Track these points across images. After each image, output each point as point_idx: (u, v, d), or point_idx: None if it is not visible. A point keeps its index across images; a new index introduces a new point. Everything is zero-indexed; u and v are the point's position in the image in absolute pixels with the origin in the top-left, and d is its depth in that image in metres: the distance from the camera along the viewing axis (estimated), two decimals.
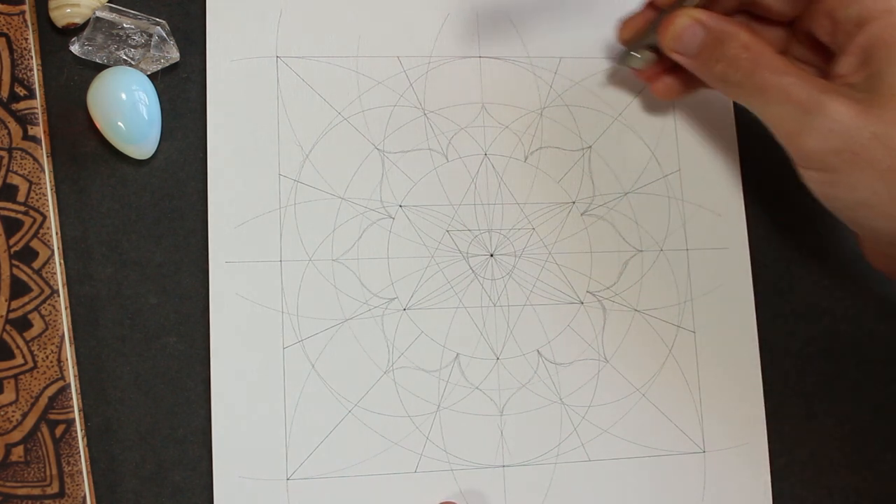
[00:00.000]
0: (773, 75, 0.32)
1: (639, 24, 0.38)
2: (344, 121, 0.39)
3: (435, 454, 0.37)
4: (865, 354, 0.41)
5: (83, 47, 0.37)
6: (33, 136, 0.36)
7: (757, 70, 0.32)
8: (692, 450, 0.39)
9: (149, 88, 0.37)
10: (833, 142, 0.31)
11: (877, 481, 0.40)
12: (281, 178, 0.38)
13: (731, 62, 0.33)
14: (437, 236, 0.39)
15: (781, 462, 0.40)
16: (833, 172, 0.32)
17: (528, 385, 0.38)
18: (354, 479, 0.37)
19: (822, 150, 0.31)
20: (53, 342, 0.35)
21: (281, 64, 0.39)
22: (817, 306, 0.41)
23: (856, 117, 0.30)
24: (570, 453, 0.38)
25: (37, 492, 0.34)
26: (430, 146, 0.40)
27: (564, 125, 0.41)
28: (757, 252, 0.41)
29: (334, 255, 0.38)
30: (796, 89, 0.31)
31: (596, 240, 0.40)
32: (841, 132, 0.31)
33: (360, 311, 0.38)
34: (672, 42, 0.35)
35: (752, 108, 0.34)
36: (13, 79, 0.36)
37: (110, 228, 0.38)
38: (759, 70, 0.32)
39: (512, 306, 0.39)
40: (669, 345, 0.40)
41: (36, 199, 0.36)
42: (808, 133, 0.31)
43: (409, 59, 0.40)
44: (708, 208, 0.41)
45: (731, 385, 0.40)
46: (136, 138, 0.36)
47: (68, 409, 0.35)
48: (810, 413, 0.41)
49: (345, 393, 0.37)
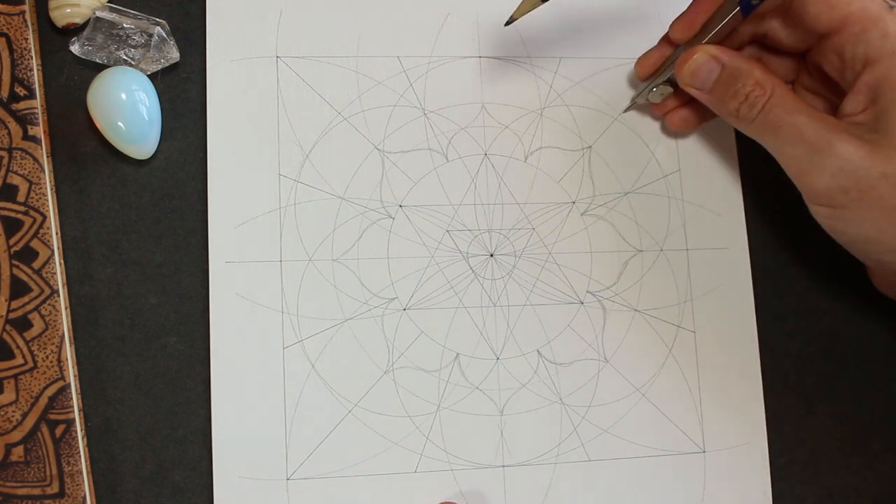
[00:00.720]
0: (786, 114, 0.33)
1: (655, 59, 0.39)
2: (344, 121, 0.39)
3: (435, 454, 0.37)
4: (865, 354, 0.41)
5: (83, 47, 0.37)
6: (33, 136, 0.36)
7: (770, 108, 0.33)
8: (692, 450, 0.39)
9: (149, 88, 0.37)
10: (842, 181, 0.32)
11: (877, 481, 0.40)
12: (281, 178, 0.38)
13: (745, 99, 0.34)
14: (437, 236, 0.39)
15: (781, 462, 0.40)
16: (841, 209, 0.33)
17: (528, 385, 0.38)
18: (354, 479, 0.37)
19: (831, 188, 0.32)
20: (53, 342, 0.35)
21: (281, 64, 0.39)
22: (817, 306, 0.41)
23: (864, 157, 0.31)
24: (570, 453, 0.38)
25: (37, 492, 0.34)
26: (430, 146, 0.40)
27: (564, 125, 0.41)
28: (757, 252, 0.41)
29: (334, 255, 0.38)
30: (808, 129, 0.32)
31: (596, 240, 0.40)
32: (849, 172, 0.31)
33: (360, 311, 0.38)
34: (688, 77, 0.36)
35: (764, 143, 0.35)
36: (13, 79, 0.36)
37: (110, 228, 0.38)
38: (773, 108, 0.33)
39: (512, 306, 0.39)
40: (669, 345, 0.40)
41: (36, 199, 0.36)
42: (817, 172, 0.32)
43: (409, 59, 0.40)
44: (708, 208, 0.41)
45: (731, 385, 0.40)
46: (136, 138, 0.36)
47: (68, 409, 0.35)
48: (810, 413, 0.41)
49: (345, 393, 0.37)
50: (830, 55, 0.34)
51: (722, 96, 0.35)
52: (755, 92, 0.34)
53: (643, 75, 0.40)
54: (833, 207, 0.33)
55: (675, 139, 0.41)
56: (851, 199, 0.32)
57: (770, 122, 0.33)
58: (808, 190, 0.33)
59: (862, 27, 0.32)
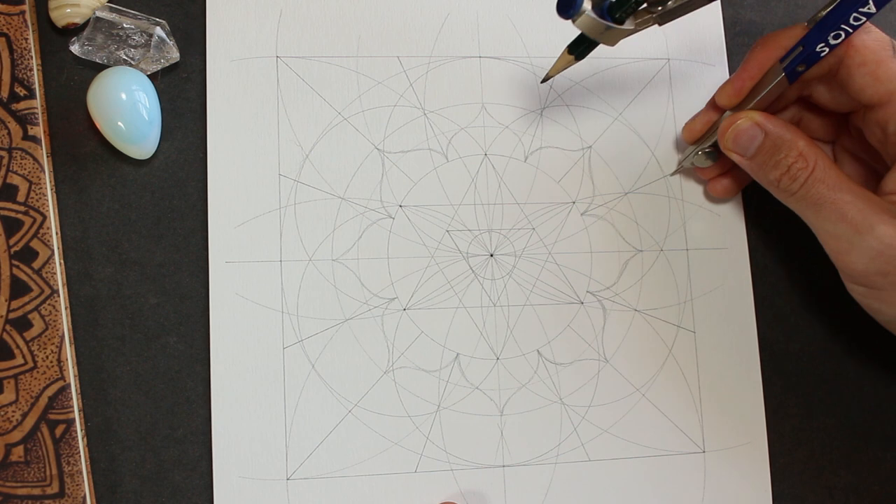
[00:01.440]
0: (828, 190, 0.33)
1: (702, 124, 0.39)
2: (344, 121, 0.39)
3: (435, 454, 0.37)
4: (865, 354, 0.41)
5: (83, 47, 0.37)
6: (33, 136, 0.36)
7: (812, 183, 0.33)
8: (692, 450, 0.39)
9: (149, 88, 0.37)
10: (881, 264, 0.32)
11: (877, 481, 0.41)
12: (281, 178, 0.38)
13: (786, 171, 0.34)
14: (437, 236, 0.39)
15: (781, 462, 0.40)
16: (878, 290, 0.32)
17: (528, 385, 0.38)
18: (354, 479, 0.37)
19: (869, 270, 0.32)
20: (53, 342, 0.35)
21: (281, 64, 0.39)
22: (817, 306, 0.41)
23: None
24: (570, 453, 0.38)
25: (37, 492, 0.34)
26: (430, 146, 0.40)
27: (564, 125, 0.41)
28: (757, 252, 0.41)
29: (334, 255, 0.38)
30: (850, 208, 0.32)
31: (596, 240, 0.40)
32: (889, 256, 0.31)
33: (360, 311, 0.38)
34: (730, 143, 0.35)
35: (804, 217, 0.34)
36: (13, 79, 0.36)
37: (110, 228, 0.38)
38: (815, 184, 0.33)
39: (512, 306, 0.39)
40: (669, 345, 0.40)
41: (36, 199, 0.36)
42: (857, 253, 0.32)
43: (409, 59, 0.40)
44: (708, 208, 0.41)
45: (731, 385, 0.40)
46: (136, 138, 0.36)
47: (68, 409, 0.35)
48: (810, 413, 0.41)
49: (345, 393, 0.37)
50: (873, 126, 0.34)
51: (763, 165, 0.34)
52: (798, 164, 0.33)
53: (690, 139, 0.39)
54: (870, 288, 0.33)
55: (675, 139, 0.41)
56: (890, 283, 0.32)
57: (811, 198, 0.33)
58: (846, 269, 0.33)
59: None
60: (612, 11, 0.32)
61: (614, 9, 0.32)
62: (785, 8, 0.44)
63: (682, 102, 0.41)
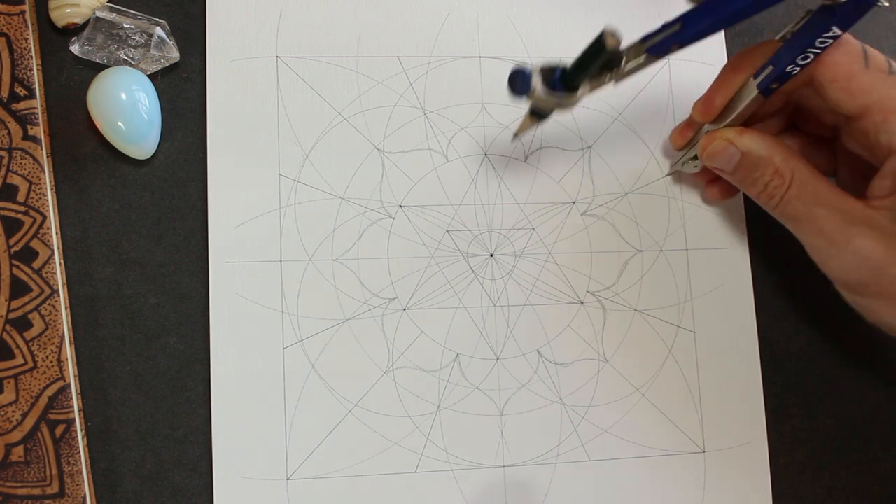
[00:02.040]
0: (805, 206, 0.33)
1: (683, 137, 0.39)
2: (344, 121, 0.39)
3: (435, 454, 0.37)
4: (865, 354, 0.41)
5: (83, 47, 0.37)
6: (33, 136, 0.36)
7: (788, 200, 0.33)
8: (692, 450, 0.39)
9: (149, 88, 0.37)
10: (861, 275, 0.32)
11: (877, 481, 0.40)
12: (281, 178, 0.38)
13: (763, 189, 0.34)
14: (437, 236, 0.39)
15: (781, 462, 0.40)
16: (862, 297, 0.33)
17: (528, 385, 0.38)
18: (354, 479, 0.37)
19: (850, 280, 0.32)
20: (53, 342, 0.35)
21: (281, 64, 0.39)
22: (817, 306, 0.41)
23: (883, 253, 0.31)
24: (569, 453, 0.38)
25: (37, 492, 0.34)
26: (430, 146, 0.40)
27: (564, 125, 0.41)
28: (757, 252, 0.41)
29: (334, 255, 0.38)
30: (826, 223, 0.32)
31: (596, 240, 0.40)
32: (867, 268, 0.31)
33: (360, 311, 0.38)
34: (709, 161, 0.36)
35: (787, 227, 0.35)
36: (13, 79, 0.36)
37: (110, 228, 0.38)
38: (790, 200, 0.33)
39: (512, 306, 0.39)
40: (669, 345, 0.40)
41: (36, 199, 0.36)
42: (836, 263, 0.32)
43: (409, 59, 0.40)
44: (708, 208, 0.41)
45: (731, 385, 0.40)
46: (136, 138, 0.36)
47: (68, 409, 0.35)
48: (810, 413, 0.41)
49: (345, 393, 0.37)
50: (857, 134, 0.34)
51: (743, 181, 0.35)
52: (774, 182, 0.34)
53: (676, 148, 0.40)
54: (854, 294, 0.33)
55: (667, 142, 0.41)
56: (870, 293, 0.32)
57: (789, 214, 0.33)
58: (831, 276, 0.33)
59: (883, 118, 0.32)
60: (565, 82, 0.33)
61: (568, 80, 0.33)
62: (785, 8, 0.44)
63: (682, 102, 0.41)
